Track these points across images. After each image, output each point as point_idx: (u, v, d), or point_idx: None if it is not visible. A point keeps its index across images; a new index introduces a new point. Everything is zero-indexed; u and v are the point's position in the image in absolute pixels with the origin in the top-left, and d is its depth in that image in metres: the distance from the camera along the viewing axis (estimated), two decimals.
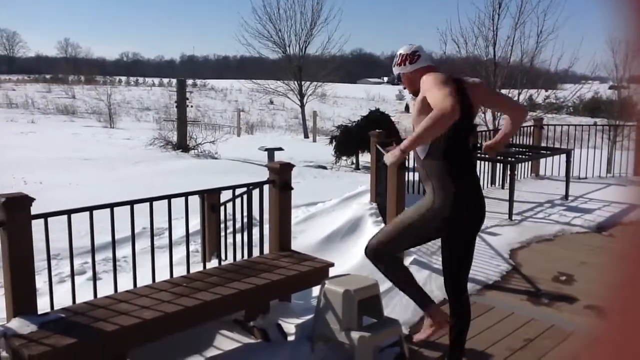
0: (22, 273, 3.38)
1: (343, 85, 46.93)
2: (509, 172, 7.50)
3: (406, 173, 5.86)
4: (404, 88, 3.48)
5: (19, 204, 3.32)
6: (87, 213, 3.68)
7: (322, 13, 27.74)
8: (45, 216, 3.46)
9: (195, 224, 5.49)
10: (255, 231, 4.71)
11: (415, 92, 3.22)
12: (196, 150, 14.30)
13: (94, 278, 3.82)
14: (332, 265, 4.14)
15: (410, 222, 3.16)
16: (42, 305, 3.53)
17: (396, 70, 3.38)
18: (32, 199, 3.36)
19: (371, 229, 5.82)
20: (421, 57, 3.29)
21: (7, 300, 3.42)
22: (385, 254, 3.24)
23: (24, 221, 3.34)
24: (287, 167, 4.38)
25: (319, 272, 3.99)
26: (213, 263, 4.47)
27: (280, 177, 4.32)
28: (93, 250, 3.74)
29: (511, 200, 6.91)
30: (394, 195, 5.35)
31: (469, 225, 3.17)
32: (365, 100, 51.94)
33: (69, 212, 3.55)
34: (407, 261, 5.11)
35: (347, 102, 50.45)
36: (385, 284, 4.36)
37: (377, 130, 7.12)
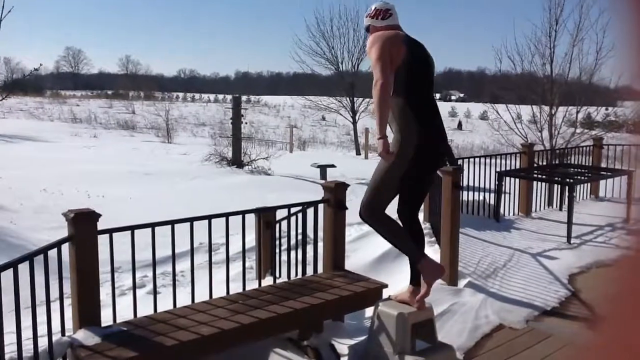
0: (88, 286, 3.53)
1: None
2: (567, 194, 7.31)
3: (461, 192, 5.81)
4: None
5: (87, 219, 3.48)
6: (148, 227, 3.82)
7: None
8: (110, 231, 3.61)
9: (250, 239, 5.59)
10: (309, 249, 4.77)
11: None
12: (250, 166, 14.53)
13: (154, 292, 3.94)
14: (385, 286, 4.14)
15: (384, 173, 3.50)
16: (105, 317, 3.66)
17: (367, 22, 3.69)
18: (99, 215, 3.52)
19: (425, 249, 5.79)
20: (392, 15, 3.61)
21: (73, 311, 3.58)
22: (376, 210, 3.57)
23: (91, 236, 3.50)
24: (341, 187, 4.42)
25: (373, 293, 4.00)
26: (268, 280, 4.54)
27: (335, 196, 4.36)
28: (154, 267, 3.87)
29: (570, 223, 6.72)
30: (448, 215, 5.30)
31: (428, 167, 3.57)
32: None
33: (132, 228, 3.70)
34: (461, 284, 5.06)
35: None
36: (439, 307, 4.32)
37: None
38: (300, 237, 4.76)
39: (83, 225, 3.46)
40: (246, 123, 15.82)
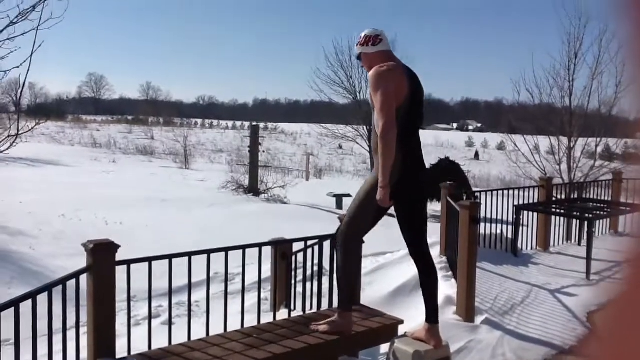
0: (105, 317, 3.55)
1: None
2: (586, 229, 7.22)
3: (478, 226, 5.77)
4: (362, 67, 3.82)
5: (106, 250, 3.52)
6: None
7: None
8: (128, 263, 3.64)
9: (266, 269, 5.60)
10: (325, 281, 4.75)
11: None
12: (266, 195, 14.59)
13: (170, 323, 3.95)
14: (401, 322, 4.11)
15: (363, 204, 3.60)
16: (120, 347, 3.67)
17: (358, 50, 3.70)
18: (118, 246, 3.55)
19: (440, 283, 5.73)
20: (382, 41, 3.63)
21: (89, 341, 3.59)
22: (350, 239, 3.67)
23: (109, 267, 3.53)
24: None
25: (389, 329, 3.96)
26: (283, 313, 4.52)
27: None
28: (170, 298, 3.89)
29: (589, 259, 6.63)
30: (465, 250, 5.26)
31: (412, 199, 3.57)
32: (434, 147, 51.53)
33: (150, 260, 3.72)
34: (478, 320, 4.99)
35: None
36: (456, 345, 4.27)
37: (448, 183, 7.08)
38: (316, 268, 4.76)
39: (102, 256, 3.49)
40: (263, 151, 15.93)
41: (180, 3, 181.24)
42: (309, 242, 4.59)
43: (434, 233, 8.19)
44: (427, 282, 3.69)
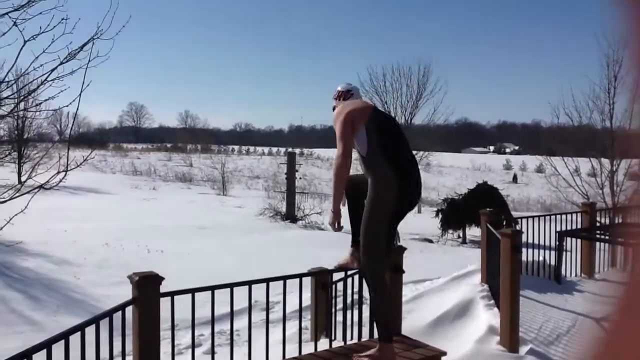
0: (149, 348, 3.60)
1: (448, 155, 46.51)
2: (631, 255, 7.01)
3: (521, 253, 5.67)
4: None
5: (150, 282, 3.59)
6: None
7: (427, 85, 28.00)
8: (172, 294, 3.70)
9: (306, 297, 5.61)
10: (365, 309, 4.73)
11: None
12: (303, 221, 14.63)
13: (212, 353, 3.98)
14: (444, 354, 4.05)
15: (374, 227, 3.67)
16: None
17: (333, 104, 4.01)
18: (162, 278, 3.62)
19: (482, 313, 5.64)
20: (353, 95, 3.99)
21: None
22: (377, 275, 3.72)
23: (153, 298, 3.60)
24: (398, 250, 4.40)
25: None
26: (323, 343, 4.51)
27: (393, 260, 4.34)
28: (213, 328, 3.92)
29: None
30: (507, 279, 5.17)
31: (395, 208, 3.64)
32: (470, 170, 50.97)
33: (193, 291, 3.78)
34: (522, 351, 4.88)
35: (452, 171, 49.71)
36: None
37: (487, 209, 6.99)
38: (356, 297, 4.74)
39: (147, 289, 3.56)
40: (300, 178, 16.05)
41: (216, 33, 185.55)
42: (349, 272, 4.58)
43: (474, 259, 8.09)
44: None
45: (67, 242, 9.17)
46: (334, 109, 4.01)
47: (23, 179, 22.88)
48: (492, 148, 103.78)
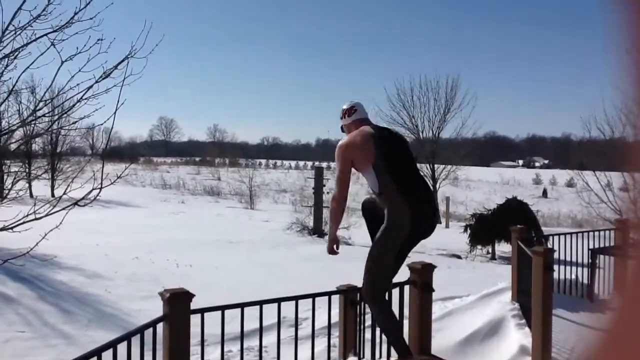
0: None
1: (476, 169, 46.05)
2: None
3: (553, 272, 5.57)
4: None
5: (181, 299, 3.63)
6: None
7: (455, 99, 27.87)
8: (202, 311, 3.73)
9: (334, 313, 5.60)
10: None
11: None
12: None
13: None
14: None
15: (378, 257, 3.71)
16: None
17: (340, 123, 4.13)
18: (192, 295, 3.66)
19: (513, 332, 5.55)
20: (357, 111, 4.06)
21: None
22: (376, 293, 3.75)
23: (184, 315, 3.63)
24: (428, 268, 4.37)
25: None
26: None
27: (422, 278, 4.32)
28: (242, 345, 3.94)
29: None
30: (539, 298, 5.08)
31: (397, 229, 3.63)
32: (499, 185, 50.37)
33: (222, 308, 3.81)
34: None
35: (480, 185, 49.19)
36: None
37: (518, 226, 6.90)
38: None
39: (177, 306, 3.60)
40: (327, 192, 16.05)
41: (244, 49, 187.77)
42: None
43: (504, 276, 7.98)
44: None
45: (98, 256, 9.32)
46: (342, 129, 4.15)
47: (56, 192, 23.37)
48: (521, 162, 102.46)
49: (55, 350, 5.78)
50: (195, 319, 3.73)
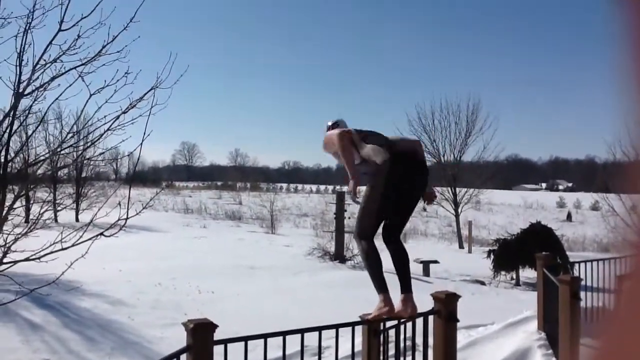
0: None
1: (498, 192, 45.63)
2: None
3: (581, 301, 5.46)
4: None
5: (205, 330, 3.63)
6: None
7: (477, 122, 27.78)
8: (225, 342, 3.72)
9: (357, 342, 5.55)
10: (418, 357, 4.62)
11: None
12: (352, 261, 14.55)
13: None
14: None
15: (364, 207, 4.12)
16: None
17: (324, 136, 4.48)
18: (216, 326, 3.66)
19: None
20: (339, 125, 4.54)
21: None
22: (363, 238, 4.15)
23: (207, 346, 3.63)
24: (452, 298, 4.32)
25: None
26: None
27: (446, 307, 4.27)
28: None
29: None
30: (567, 328, 4.99)
31: (403, 176, 4.02)
32: (522, 208, 49.79)
33: (245, 339, 3.80)
34: None
35: (503, 209, 48.66)
36: None
37: (543, 253, 6.81)
38: (409, 343, 4.66)
39: (201, 336, 3.60)
40: (349, 217, 16.01)
41: (264, 75, 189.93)
42: (400, 320, 4.52)
43: (529, 304, 7.84)
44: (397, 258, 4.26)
45: (121, 282, 9.39)
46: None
47: (81, 217, 23.61)
48: (544, 185, 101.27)
49: None
50: (218, 349, 3.73)
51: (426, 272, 14.10)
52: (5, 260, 4.77)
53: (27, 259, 4.71)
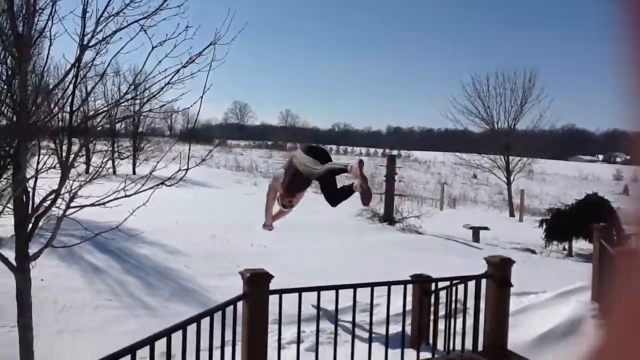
0: (257, 341, 3.77)
1: (552, 162, 44.38)
2: None
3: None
4: None
5: (261, 280, 3.75)
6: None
7: (533, 90, 26.90)
8: (280, 292, 3.85)
9: (408, 301, 5.62)
10: (468, 319, 4.66)
11: None
12: (401, 224, 14.56)
13: (316, 352, 4.09)
14: None
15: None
16: None
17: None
18: (272, 276, 3.78)
19: (594, 333, 5.37)
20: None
21: None
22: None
23: (263, 295, 3.76)
24: (507, 263, 4.30)
25: None
26: (424, 350, 4.50)
27: (500, 272, 4.26)
28: (318, 327, 4.03)
29: None
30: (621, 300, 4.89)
31: None
32: (577, 179, 48.33)
33: (300, 291, 3.91)
34: None
35: (557, 179, 47.38)
36: None
37: (601, 224, 6.65)
38: (460, 306, 4.69)
39: (257, 285, 3.73)
40: (399, 180, 15.97)
41: (317, 36, 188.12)
42: (453, 282, 4.54)
43: (582, 275, 7.70)
44: None
45: (178, 233, 9.70)
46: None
47: (137, 170, 24.37)
48: (601, 157, 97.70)
49: (140, 320, 6.10)
50: (272, 298, 3.85)
51: (476, 238, 13.99)
52: (72, 204, 4.99)
53: (93, 204, 4.93)
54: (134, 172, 24.03)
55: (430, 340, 4.69)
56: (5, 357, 5.14)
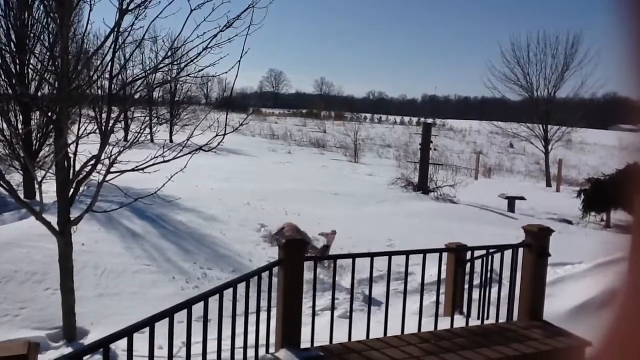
0: (292, 307, 3.82)
1: (592, 131, 43.20)
2: None
3: None
4: None
5: (296, 246, 3.78)
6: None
7: (576, 57, 26.02)
8: (315, 259, 3.88)
9: (442, 269, 5.62)
10: (504, 289, 4.63)
11: None
12: (436, 193, 14.45)
13: (350, 319, 4.13)
14: (589, 344, 3.87)
15: None
16: (302, 336, 3.93)
17: None
18: (307, 243, 3.81)
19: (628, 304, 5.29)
20: None
21: (277, 328, 3.89)
22: None
23: (298, 262, 3.79)
24: (545, 232, 4.24)
25: (575, 351, 3.76)
26: (458, 318, 4.49)
27: (538, 242, 4.20)
28: (352, 294, 4.06)
29: None
30: None
31: None
32: (617, 150, 46.97)
33: (335, 257, 3.95)
34: None
35: (596, 149, 46.20)
36: None
37: None
38: (495, 276, 4.65)
39: (293, 252, 3.76)
40: (434, 149, 15.80)
41: (351, 4, 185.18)
42: (489, 250, 4.50)
43: (620, 246, 7.53)
44: None
45: (213, 200, 9.83)
46: None
47: (174, 138, 24.63)
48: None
49: (177, 284, 6.25)
50: (307, 264, 3.89)
51: (511, 208, 13.80)
52: (111, 170, 5.09)
53: (132, 169, 5.02)
54: (170, 140, 24.35)
55: (465, 309, 4.69)
56: (48, 319, 5.34)
